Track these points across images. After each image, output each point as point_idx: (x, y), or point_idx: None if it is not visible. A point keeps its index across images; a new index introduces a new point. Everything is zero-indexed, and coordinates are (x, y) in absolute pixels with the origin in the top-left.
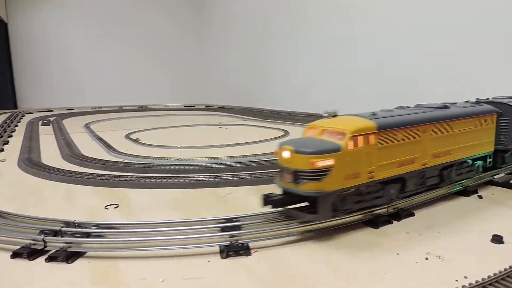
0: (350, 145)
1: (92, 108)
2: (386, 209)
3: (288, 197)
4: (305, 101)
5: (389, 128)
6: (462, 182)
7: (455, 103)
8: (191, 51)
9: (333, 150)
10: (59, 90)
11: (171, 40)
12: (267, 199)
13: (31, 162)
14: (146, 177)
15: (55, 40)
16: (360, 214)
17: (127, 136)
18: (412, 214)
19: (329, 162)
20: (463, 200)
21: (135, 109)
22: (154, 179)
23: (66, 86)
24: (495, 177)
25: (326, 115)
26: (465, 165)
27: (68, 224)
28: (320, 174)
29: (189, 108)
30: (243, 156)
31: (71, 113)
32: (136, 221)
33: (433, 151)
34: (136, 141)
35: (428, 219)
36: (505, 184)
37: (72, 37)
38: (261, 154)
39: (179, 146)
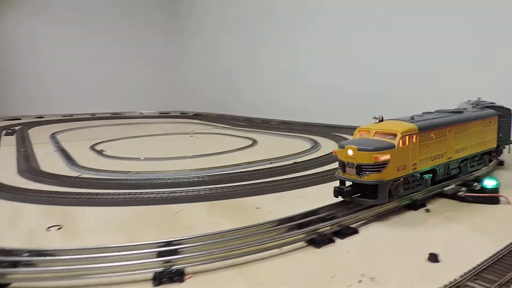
0: (401, 143)
1: (63, 116)
2: (330, 227)
3: (354, 189)
4: (278, 109)
5: (426, 129)
6: (411, 196)
7: (465, 108)
8: (167, 57)
9: (389, 147)
10: (28, 97)
11: (146, 45)
12: (339, 192)
13: None
14: (98, 193)
15: (24, 45)
16: (302, 234)
17: (92, 147)
18: (356, 232)
19: (387, 156)
20: (410, 214)
21: (108, 116)
22: (106, 196)
23: (36, 93)
24: (445, 189)
25: (375, 120)
26: (476, 158)
27: None
28: (380, 166)
29: (164, 115)
30: (203, 169)
31: (40, 122)
32: (71, 246)
33: (455, 147)
34: (100, 152)
35: (371, 236)
36: (453, 196)
37: (41, 42)
38: (221, 167)
39: (142, 158)
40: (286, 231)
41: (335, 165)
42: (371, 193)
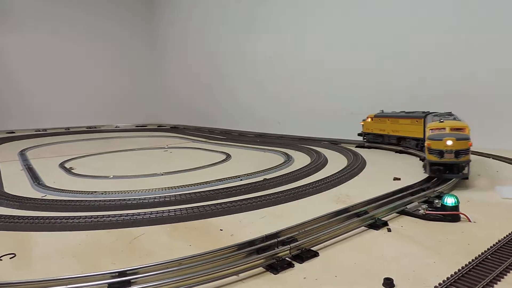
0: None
1: (36, 131)
2: (288, 251)
3: (442, 169)
4: (253, 121)
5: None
6: (373, 215)
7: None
8: (143, 69)
9: (469, 137)
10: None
11: (122, 56)
12: (432, 169)
13: None
14: (58, 217)
15: None
16: (261, 259)
17: (62, 165)
18: (317, 255)
19: (471, 143)
20: (371, 234)
21: (83, 130)
22: (66, 220)
23: (8, 108)
24: (408, 206)
25: (442, 120)
26: None
27: None
28: (468, 150)
29: (140, 128)
30: (171, 188)
31: (10, 137)
32: (20, 278)
33: None
34: (69, 170)
35: (330, 260)
36: (414, 214)
37: (11, 54)
38: (190, 185)
39: (111, 176)
40: (245, 256)
41: (305, 181)
42: (459, 170)
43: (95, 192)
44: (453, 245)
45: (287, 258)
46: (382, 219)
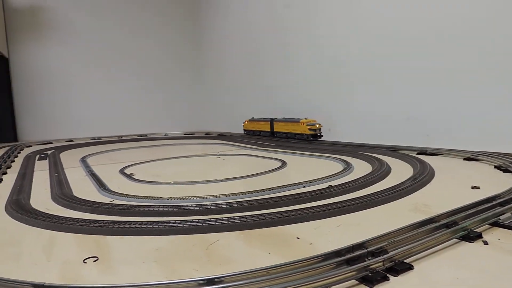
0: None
1: (92, 139)
2: (381, 263)
3: (317, 136)
4: None
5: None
6: (465, 226)
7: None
8: (191, 78)
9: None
10: (59, 122)
11: (171, 68)
12: (312, 137)
13: (17, 205)
14: (131, 222)
15: (55, 73)
16: (353, 271)
17: (122, 171)
18: (411, 268)
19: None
20: (466, 247)
21: (134, 138)
22: (140, 225)
23: (66, 118)
24: (501, 217)
25: (306, 118)
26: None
27: (36, 287)
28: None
29: (189, 136)
30: (235, 194)
31: (70, 145)
32: (110, 282)
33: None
34: (130, 176)
35: (427, 273)
36: (511, 226)
37: (71, 69)
38: (254, 192)
39: (172, 182)
40: (334, 267)
41: (373, 189)
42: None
43: (161, 197)
44: None
45: (380, 271)
46: (475, 230)
